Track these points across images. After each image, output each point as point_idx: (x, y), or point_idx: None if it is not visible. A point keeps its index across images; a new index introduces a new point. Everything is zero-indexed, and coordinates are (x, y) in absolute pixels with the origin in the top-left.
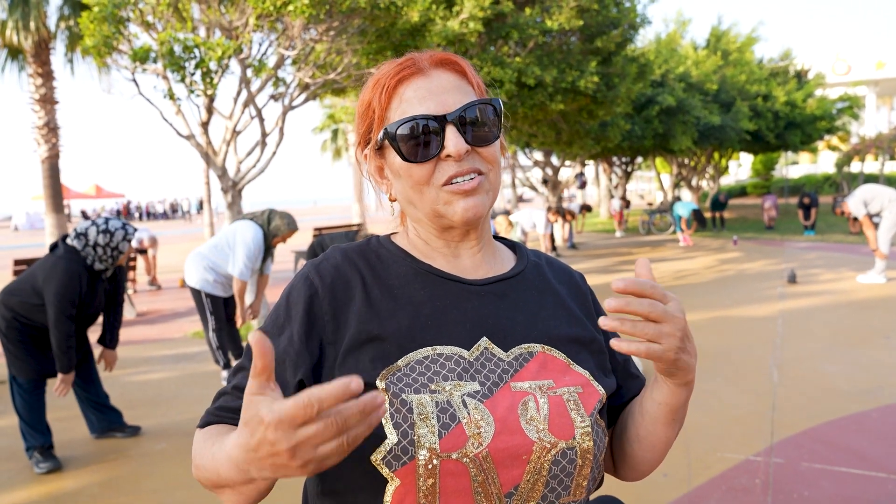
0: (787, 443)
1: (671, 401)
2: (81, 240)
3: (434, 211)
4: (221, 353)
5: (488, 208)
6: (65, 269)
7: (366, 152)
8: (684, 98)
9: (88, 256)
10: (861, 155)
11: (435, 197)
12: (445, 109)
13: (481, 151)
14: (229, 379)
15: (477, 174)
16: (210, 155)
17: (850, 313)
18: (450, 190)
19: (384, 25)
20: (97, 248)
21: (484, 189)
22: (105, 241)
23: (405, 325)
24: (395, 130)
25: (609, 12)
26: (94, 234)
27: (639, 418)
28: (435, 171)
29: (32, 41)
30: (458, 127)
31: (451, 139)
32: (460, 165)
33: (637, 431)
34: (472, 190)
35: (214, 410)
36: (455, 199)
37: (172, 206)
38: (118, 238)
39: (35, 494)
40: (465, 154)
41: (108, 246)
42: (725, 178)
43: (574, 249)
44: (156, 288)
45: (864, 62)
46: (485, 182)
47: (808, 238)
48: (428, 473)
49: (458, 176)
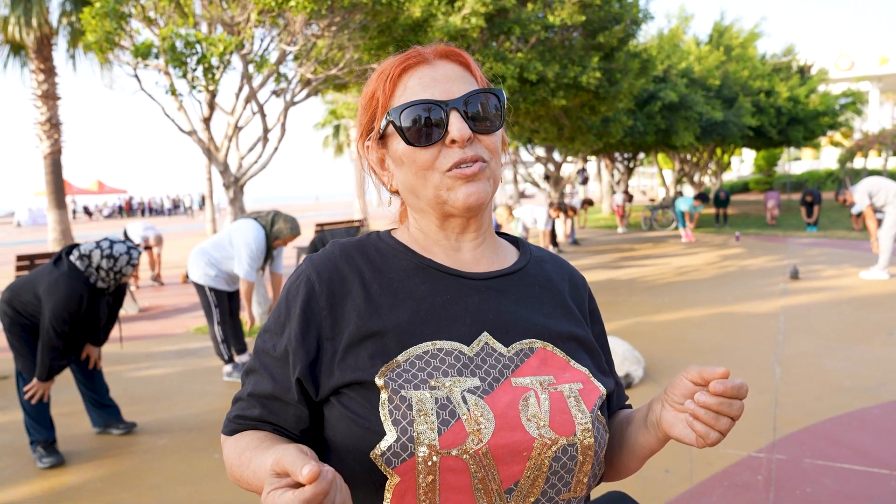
0: (790, 439)
1: (657, 447)
2: (85, 261)
3: (437, 197)
4: (226, 346)
5: (490, 196)
6: (66, 288)
7: (368, 143)
8: (687, 94)
9: (91, 276)
10: (864, 151)
11: (438, 182)
12: (450, 96)
13: (483, 140)
14: (242, 381)
15: (480, 161)
16: (212, 151)
17: (852, 310)
18: (453, 175)
19: (386, 21)
20: (100, 271)
21: (486, 176)
22: (109, 266)
23: (405, 320)
24: (399, 114)
25: (611, 8)
26: (97, 257)
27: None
28: (439, 156)
29: (34, 37)
30: (461, 113)
31: (455, 124)
32: (464, 151)
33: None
34: (474, 175)
35: (234, 419)
36: (458, 184)
37: (174, 202)
38: (122, 263)
39: (38, 490)
40: (468, 140)
41: (112, 270)
42: (728, 174)
43: (576, 245)
44: (158, 284)
45: (868, 58)
46: (486, 169)
47: (810, 234)
48: (427, 470)
49: (462, 162)
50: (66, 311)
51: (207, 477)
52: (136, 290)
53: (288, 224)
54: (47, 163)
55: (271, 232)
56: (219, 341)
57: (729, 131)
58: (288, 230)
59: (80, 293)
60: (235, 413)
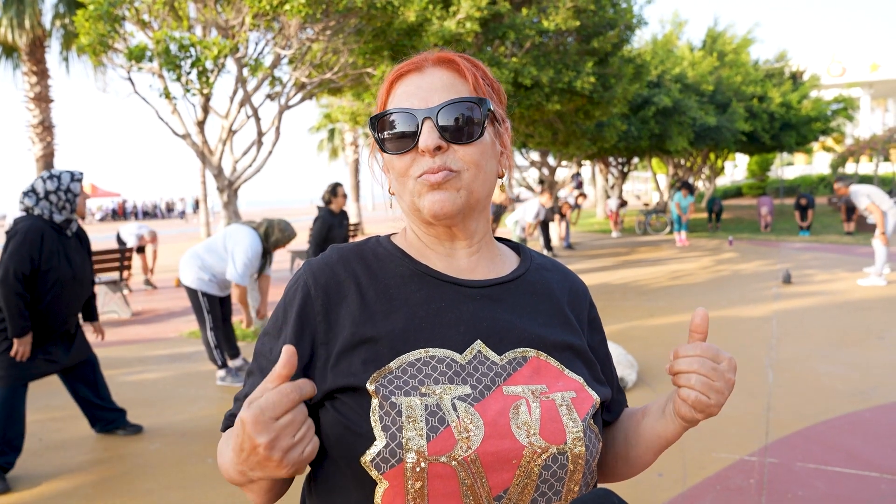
0: (782, 443)
1: (673, 436)
2: (32, 196)
3: (412, 203)
4: (219, 352)
5: (460, 206)
6: (25, 228)
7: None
8: (680, 99)
9: (44, 211)
10: (856, 156)
11: (412, 188)
12: (427, 105)
13: (459, 150)
14: (244, 381)
15: (446, 171)
16: (206, 154)
17: (844, 314)
18: (421, 181)
19: (381, 25)
20: (50, 197)
21: (454, 186)
22: (55, 187)
23: (399, 327)
24: (376, 123)
25: (606, 13)
26: (41, 185)
27: (633, 441)
28: (412, 164)
29: (27, 39)
30: (435, 123)
31: (423, 134)
32: (433, 161)
33: (627, 452)
34: (439, 185)
35: (230, 417)
36: (424, 191)
37: (168, 206)
38: (66, 180)
39: (28, 495)
40: (435, 150)
41: (60, 190)
42: (721, 178)
43: (571, 249)
44: (151, 287)
45: (859, 64)
46: (457, 179)
47: (802, 238)
48: (416, 476)
49: (429, 172)
50: (25, 248)
51: (200, 482)
52: (128, 293)
53: (284, 232)
54: (39, 165)
55: (269, 242)
56: (212, 346)
57: (722, 136)
58: (285, 238)
59: (41, 229)
60: (231, 412)
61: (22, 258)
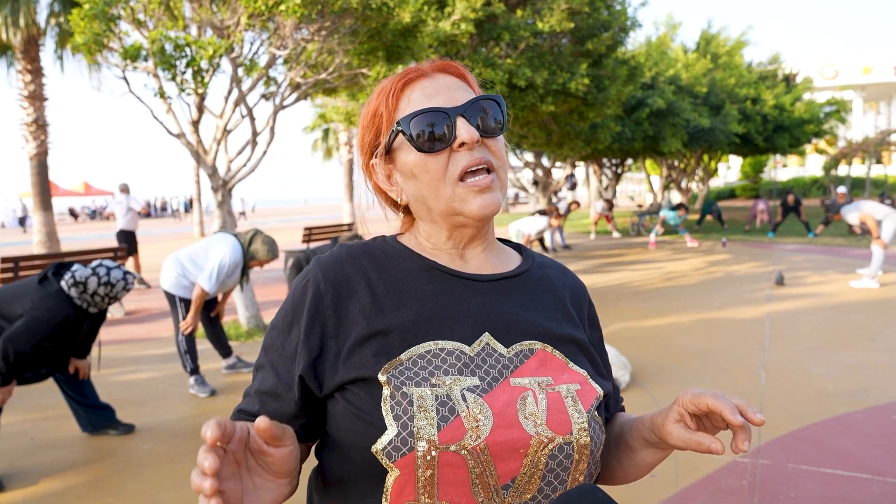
0: (774, 444)
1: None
2: (79, 288)
3: (450, 209)
4: (189, 357)
5: (500, 204)
6: (53, 308)
7: (373, 161)
8: (674, 101)
9: (84, 303)
10: (848, 158)
11: (451, 194)
12: (454, 103)
13: (490, 144)
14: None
15: (487, 171)
16: (200, 154)
17: (836, 315)
18: (465, 186)
19: (376, 26)
20: (95, 297)
21: (496, 186)
22: (105, 292)
23: (409, 320)
24: (408, 123)
25: (600, 15)
26: (94, 284)
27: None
28: (448, 163)
29: (21, 37)
30: (466, 118)
31: (463, 128)
32: (472, 154)
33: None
34: (487, 187)
35: (238, 412)
36: (471, 195)
37: (162, 205)
38: (118, 288)
39: (20, 495)
40: (476, 143)
41: (108, 296)
42: (715, 180)
43: (567, 250)
44: (144, 286)
45: (852, 67)
46: (496, 180)
47: (795, 240)
48: (426, 465)
49: (471, 165)
50: (44, 329)
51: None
52: None
53: (266, 245)
54: (33, 164)
55: (248, 251)
56: (181, 351)
57: (716, 138)
58: (265, 252)
59: (67, 315)
60: (240, 407)
61: (29, 342)
